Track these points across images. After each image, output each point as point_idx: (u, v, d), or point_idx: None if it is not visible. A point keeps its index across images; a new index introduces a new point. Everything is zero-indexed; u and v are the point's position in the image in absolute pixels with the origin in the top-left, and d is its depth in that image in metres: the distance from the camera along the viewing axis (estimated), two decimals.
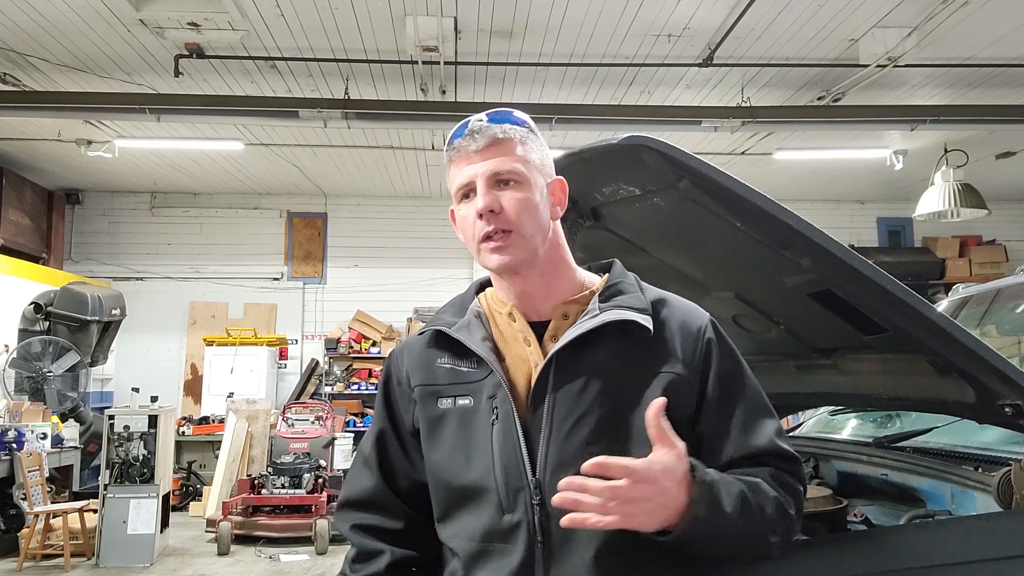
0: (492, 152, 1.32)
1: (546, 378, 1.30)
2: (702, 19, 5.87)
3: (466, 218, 1.35)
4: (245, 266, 10.89)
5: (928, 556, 1.49)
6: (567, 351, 1.30)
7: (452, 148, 1.36)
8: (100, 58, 6.47)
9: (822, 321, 1.92)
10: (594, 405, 1.27)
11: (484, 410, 1.31)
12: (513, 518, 1.26)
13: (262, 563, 6.65)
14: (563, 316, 1.36)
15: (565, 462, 1.24)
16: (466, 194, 1.34)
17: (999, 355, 1.56)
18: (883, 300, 1.58)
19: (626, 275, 1.43)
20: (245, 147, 8.60)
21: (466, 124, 1.37)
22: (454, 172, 1.36)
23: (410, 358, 1.43)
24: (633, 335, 1.31)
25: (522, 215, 1.31)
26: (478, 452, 1.30)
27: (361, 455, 1.49)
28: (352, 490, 1.47)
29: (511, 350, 1.36)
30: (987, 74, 6.72)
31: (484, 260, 1.35)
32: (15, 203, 9.42)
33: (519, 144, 1.34)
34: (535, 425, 1.28)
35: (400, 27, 5.95)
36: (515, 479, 1.27)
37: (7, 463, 6.84)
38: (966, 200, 7.64)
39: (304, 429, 8.23)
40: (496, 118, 1.36)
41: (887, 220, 11.34)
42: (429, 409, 1.37)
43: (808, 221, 1.51)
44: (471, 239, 1.36)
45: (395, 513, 1.42)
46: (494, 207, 1.30)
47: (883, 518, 2.14)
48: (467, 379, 1.34)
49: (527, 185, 1.33)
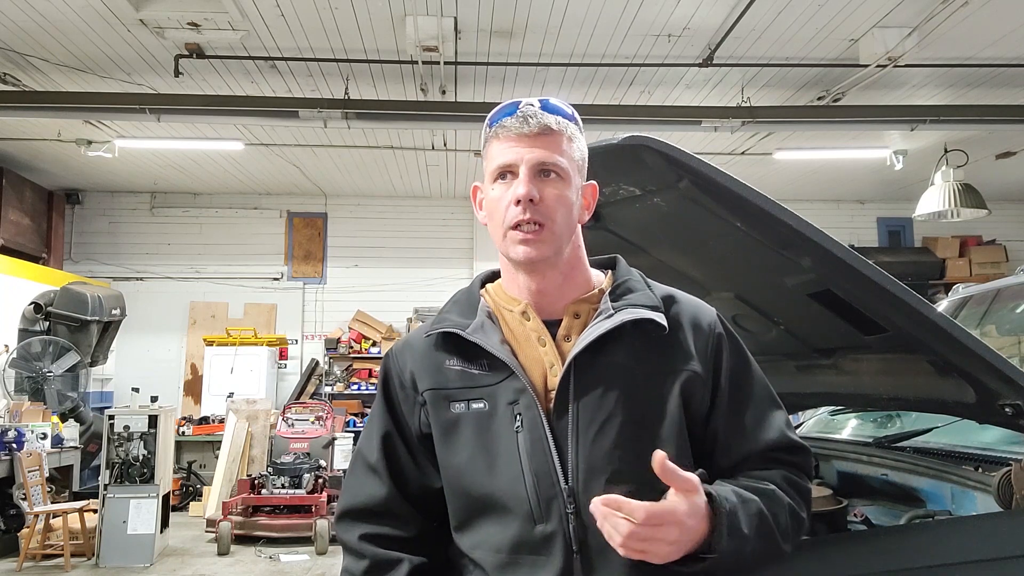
0: (542, 141, 1.29)
1: (568, 382, 1.27)
2: (702, 19, 5.87)
3: (499, 200, 1.30)
4: (245, 266, 10.88)
5: (928, 556, 1.49)
6: (585, 353, 1.27)
7: (499, 125, 1.32)
8: (100, 58, 6.47)
9: (822, 321, 1.92)
10: (617, 408, 1.26)
11: (504, 415, 1.27)
12: (547, 528, 1.22)
13: (262, 563, 6.65)
14: (574, 315, 1.34)
15: (596, 468, 1.23)
16: (503, 175, 1.30)
17: (999, 355, 1.56)
18: (883, 300, 1.58)
19: (631, 272, 1.41)
20: (245, 147, 8.59)
21: (516, 104, 1.33)
22: (497, 149, 1.31)
23: (414, 359, 1.38)
24: (648, 334, 1.30)
25: (558, 211, 1.28)
26: (502, 459, 1.26)
27: (363, 460, 1.40)
28: (357, 497, 1.38)
29: (524, 351, 1.33)
30: (987, 74, 6.72)
31: (508, 249, 1.30)
32: (15, 203, 9.42)
33: (567, 140, 1.32)
34: (562, 431, 1.25)
35: (400, 27, 5.95)
36: (547, 488, 1.23)
37: (7, 463, 6.83)
38: (966, 200, 7.64)
39: (304, 429, 8.22)
40: (550, 107, 1.33)
41: (887, 220, 11.34)
42: (441, 414, 1.32)
43: (808, 221, 1.51)
44: (499, 223, 1.31)
45: (408, 521, 1.36)
46: (534, 196, 1.26)
47: (883, 518, 2.14)
48: (479, 382, 1.30)
49: (567, 182, 1.30)
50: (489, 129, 1.34)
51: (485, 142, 1.35)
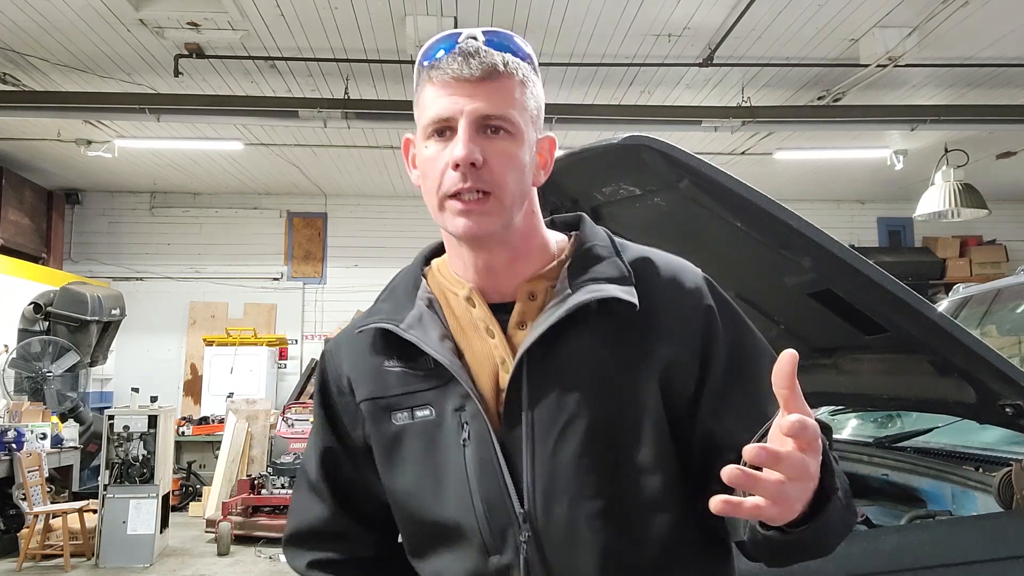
0: (487, 87, 1.03)
1: (519, 382, 1.05)
2: (702, 19, 5.87)
3: (433, 162, 1.05)
4: (245, 266, 10.88)
5: (928, 556, 1.49)
6: (539, 345, 1.04)
7: (433, 66, 1.06)
8: (100, 58, 6.46)
9: (822, 321, 1.92)
10: (581, 408, 1.04)
11: (451, 425, 1.07)
12: (501, 560, 1.05)
13: (262, 563, 6.64)
14: (529, 296, 1.10)
15: (556, 486, 1.03)
16: (440, 131, 1.05)
17: (999, 355, 1.56)
18: (883, 300, 1.58)
19: (597, 233, 1.16)
20: (245, 147, 8.59)
21: (454, 37, 1.08)
22: (430, 96, 1.06)
23: (350, 363, 1.17)
24: (616, 313, 1.06)
25: (507, 176, 1.04)
26: (450, 481, 1.07)
27: (305, 478, 1.22)
28: (301, 521, 1.21)
29: (472, 344, 1.10)
30: (987, 74, 6.71)
31: (447, 222, 1.05)
32: (15, 203, 9.41)
33: (519, 85, 1.06)
34: (514, 444, 1.05)
35: (400, 27, 5.95)
36: (500, 515, 1.04)
37: (7, 463, 6.83)
38: (966, 200, 7.64)
39: (304, 429, 8.21)
40: (496, 42, 1.07)
41: (887, 220, 11.34)
42: (383, 427, 1.11)
43: (808, 221, 1.51)
44: (433, 190, 1.05)
45: (357, 541, 1.20)
46: (477, 159, 1.01)
47: (884, 518, 2.14)
48: (424, 385, 1.09)
49: (519, 139, 1.05)
50: (422, 68, 1.09)
51: (417, 85, 1.11)
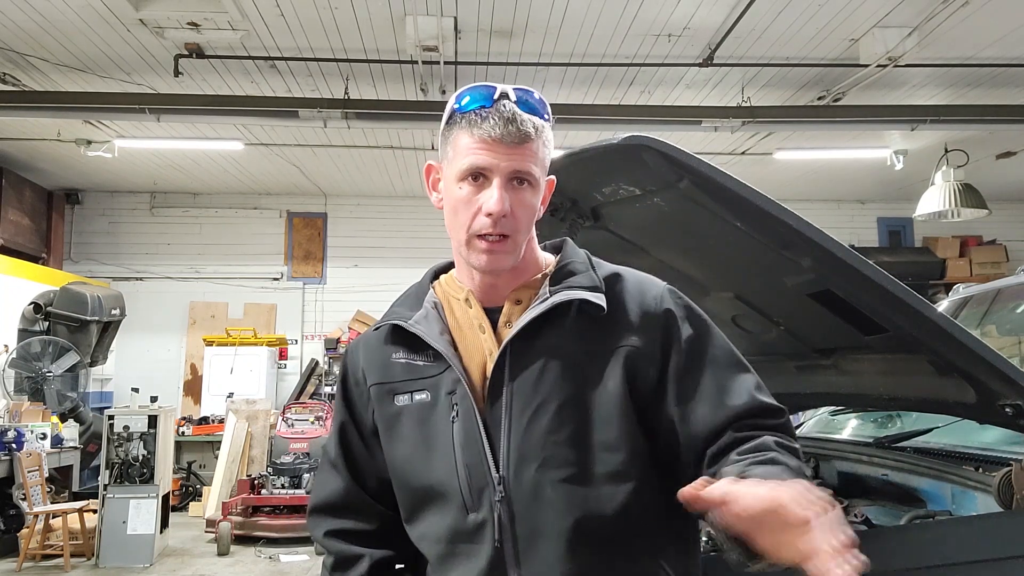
0: (520, 149, 1.24)
1: (502, 369, 1.26)
2: (702, 19, 5.87)
3: (467, 203, 1.26)
4: (245, 266, 10.88)
5: (928, 556, 1.49)
6: (521, 338, 1.26)
7: (474, 121, 1.25)
8: (100, 58, 6.46)
9: (822, 321, 1.92)
10: (553, 391, 1.24)
11: (443, 406, 1.28)
12: (478, 517, 1.23)
13: (262, 563, 6.65)
14: (516, 301, 1.32)
15: (527, 454, 1.22)
16: (475, 176, 1.25)
17: (999, 355, 1.56)
18: (883, 300, 1.58)
19: (577, 253, 1.37)
20: (245, 147, 8.59)
21: (490, 94, 1.26)
22: (468, 145, 1.25)
23: (366, 355, 1.39)
24: (587, 315, 1.27)
25: (523, 222, 1.27)
26: (439, 451, 1.27)
27: (327, 457, 1.44)
28: (322, 494, 1.42)
29: (466, 339, 1.32)
30: (987, 74, 6.71)
31: (471, 256, 1.28)
32: (15, 203, 9.41)
33: (542, 145, 1.28)
34: (494, 419, 1.25)
35: (400, 27, 5.94)
36: (479, 478, 1.24)
37: (7, 463, 6.83)
38: (966, 200, 7.64)
39: (304, 429, 8.23)
40: (527, 107, 1.26)
41: (887, 220, 11.34)
42: (385, 407, 1.33)
43: (808, 221, 1.51)
44: (462, 226, 1.27)
45: (369, 514, 1.39)
46: (507, 212, 1.23)
47: (883, 518, 2.13)
48: (424, 373, 1.30)
49: (537, 189, 1.28)
50: (459, 115, 1.28)
51: (451, 125, 1.29)
